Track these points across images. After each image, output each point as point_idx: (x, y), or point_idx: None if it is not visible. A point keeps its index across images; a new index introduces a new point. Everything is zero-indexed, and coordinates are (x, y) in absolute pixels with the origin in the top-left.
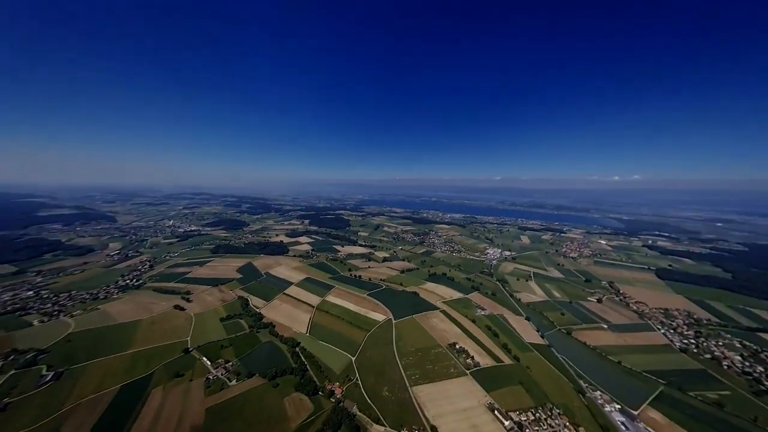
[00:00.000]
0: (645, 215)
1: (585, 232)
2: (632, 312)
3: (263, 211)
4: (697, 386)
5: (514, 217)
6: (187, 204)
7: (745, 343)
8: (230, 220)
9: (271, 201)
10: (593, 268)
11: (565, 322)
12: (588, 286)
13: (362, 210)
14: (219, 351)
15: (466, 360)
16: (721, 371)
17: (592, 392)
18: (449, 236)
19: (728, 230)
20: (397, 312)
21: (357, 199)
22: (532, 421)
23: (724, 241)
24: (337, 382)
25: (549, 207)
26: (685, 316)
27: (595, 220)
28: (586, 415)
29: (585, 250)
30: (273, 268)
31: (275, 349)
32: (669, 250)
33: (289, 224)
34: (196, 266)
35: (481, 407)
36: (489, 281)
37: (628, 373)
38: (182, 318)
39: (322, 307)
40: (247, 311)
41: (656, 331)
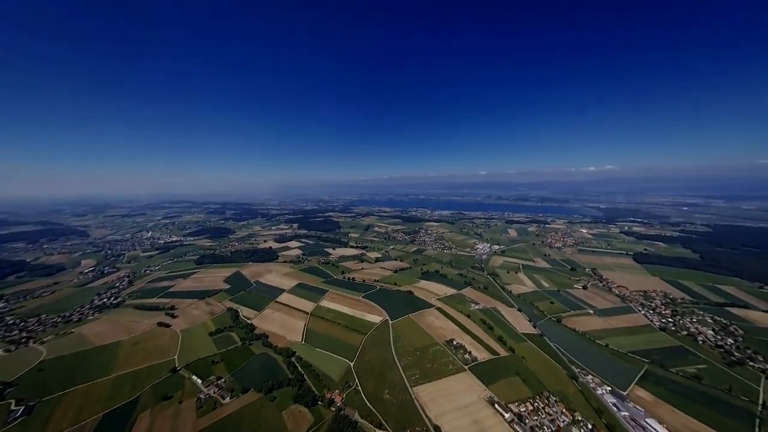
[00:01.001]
0: (620, 203)
1: (567, 222)
2: (615, 296)
3: (249, 216)
4: (677, 362)
5: (501, 211)
6: (167, 213)
7: (715, 318)
8: (214, 228)
9: (257, 206)
10: (577, 256)
11: (555, 311)
12: (573, 274)
13: (351, 211)
14: (210, 368)
15: (463, 355)
16: (696, 346)
17: (584, 377)
18: (439, 233)
19: (693, 213)
20: (393, 312)
21: (346, 200)
22: (531, 411)
23: (690, 223)
24: (337, 390)
25: (533, 199)
26: (661, 297)
27: (576, 210)
28: (580, 400)
29: (568, 239)
30: (263, 276)
31: (270, 361)
32: (643, 235)
33: (277, 229)
34: (179, 279)
35: (482, 402)
36: (480, 275)
37: (615, 355)
38: (167, 335)
39: (317, 313)
40: (238, 323)
41: (637, 313)
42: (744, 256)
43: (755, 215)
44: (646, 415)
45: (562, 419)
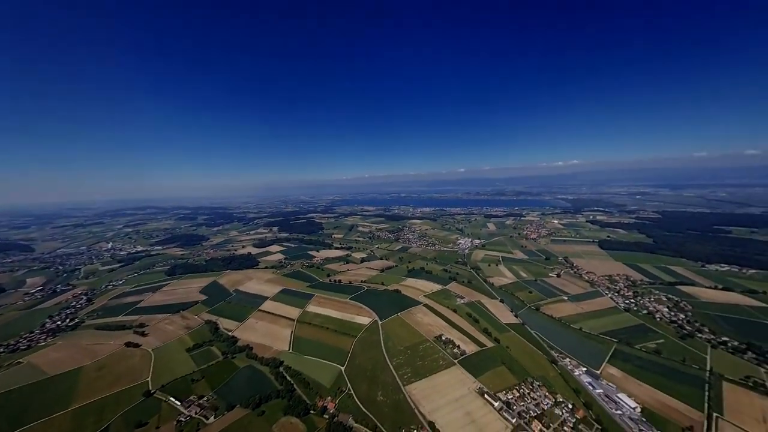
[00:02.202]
0: (585, 194)
1: (540, 214)
2: (585, 282)
3: (224, 221)
4: (640, 339)
5: (480, 206)
6: (129, 221)
7: (669, 296)
8: (186, 236)
9: (232, 210)
10: (550, 246)
11: (533, 300)
12: (548, 263)
13: (334, 211)
14: (189, 387)
15: (452, 350)
16: (655, 323)
17: (562, 360)
18: (423, 230)
19: (645, 201)
20: (381, 313)
21: (328, 201)
22: (517, 398)
23: (644, 211)
24: (329, 397)
25: (509, 193)
26: (624, 280)
27: (548, 202)
28: (560, 382)
29: (542, 230)
30: (243, 284)
31: (256, 374)
32: (606, 223)
33: (256, 233)
34: (148, 293)
35: (472, 394)
36: (464, 270)
37: (588, 337)
38: (138, 356)
39: (304, 319)
40: (218, 336)
41: (605, 296)
42: (687, 239)
43: (695, 201)
44: (617, 391)
45: (546, 402)
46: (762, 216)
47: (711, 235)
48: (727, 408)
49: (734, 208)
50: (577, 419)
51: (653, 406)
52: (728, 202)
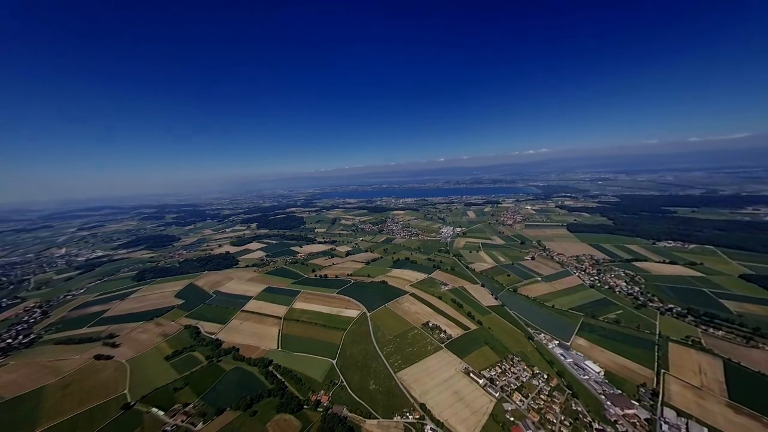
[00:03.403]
0: (554, 180)
1: (515, 200)
2: (556, 263)
3: (196, 219)
4: (602, 312)
5: (460, 195)
6: (83, 224)
7: (626, 272)
8: (153, 237)
9: (204, 206)
10: (525, 231)
11: (511, 282)
12: (523, 247)
13: (315, 205)
14: (172, 395)
15: (439, 335)
16: (615, 296)
17: (538, 335)
18: (406, 221)
19: (606, 186)
20: (369, 304)
21: (307, 194)
22: (499, 374)
23: (605, 195)
24: (322, 390)
25: (486, 182)
26: (589, 259)
27: (522, 189)
28: (536, 356)
29: (517, 216)
30: (223, 285)
31: (245, 375)
32: (573, 208)
33: (233, 231)
34: (115, 301)
35: (459, 374)
36: (447, 258)
37: (559, 313)
38: (111, 369)
39: (291, 316)
40: (200, 340)
41: (573, 275)
42: (641, 219)
43: (647, 185)
44: (585, 359)
45: (525, 375)
46: (701, 197)
47: (660, 215)
48: (671, 364)
49: (679, 190)
50: (552, 387)
51: (614, 369)
52: (674, 185)
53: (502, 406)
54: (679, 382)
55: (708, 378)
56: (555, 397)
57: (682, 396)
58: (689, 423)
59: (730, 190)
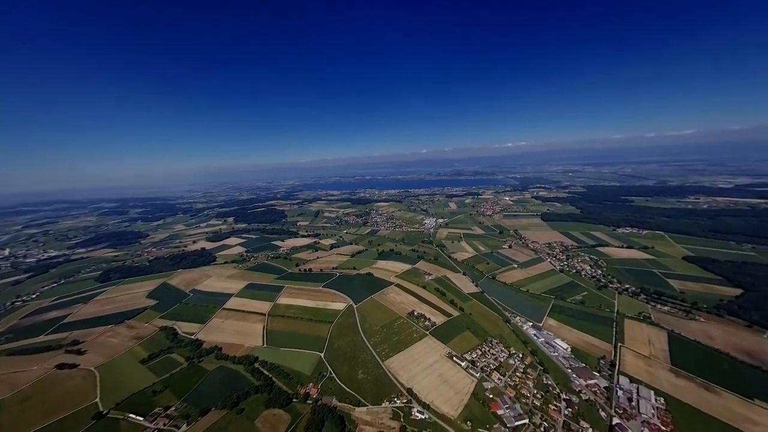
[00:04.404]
0: (530, 172)
1: (494, 192)
2: (531, 250)
3: (165, 214)
4: (570, 294)
5: (442, 186)
6: (30, 220)
7: (591, 257)
8: (117, 234)
9: (174, 200)
10: (503, 221)
11: (490, 270)
12: (501, 236)
13: (296, 197)
14: (151, 400)
15: (424, 323)
16: (580, 279)
17: (514, 318)
18: (390, 213)
19: (575, 177)
20: (356, 297)
21: (288, 186)
22: (480, 356)
23: (574, 186)
24: (311, 383)
25: (467, 174)
26: (559, 246)
27: (500, 181)
28: (513, 337)
29: (496, 207)
30: (200, 283)
31: (229, 374)
32: (546, 198)
33: (208, 226)
34: (77, 305)
35: (443, 359)
36: (430, 248)
37: (533, 297)
38: (78, 377)
39: (276, 312)
40: (179, 342)
41: (545, 261)
42: (605, 208)
43: (609, 177)
44: (554, 337)
45: (502, 355)
46: (654, 187)
47: (620, 204)
48: (626, 338)
49: (635, 181)
50: (526, 365)
51: (579, 345)
52: (632, 177)
53: (483, 385)
54: (632, 353)
55: (655, 348)
56: (529, 374)
57: (635, 365)
58: (639, 388)
59: (677, 181)
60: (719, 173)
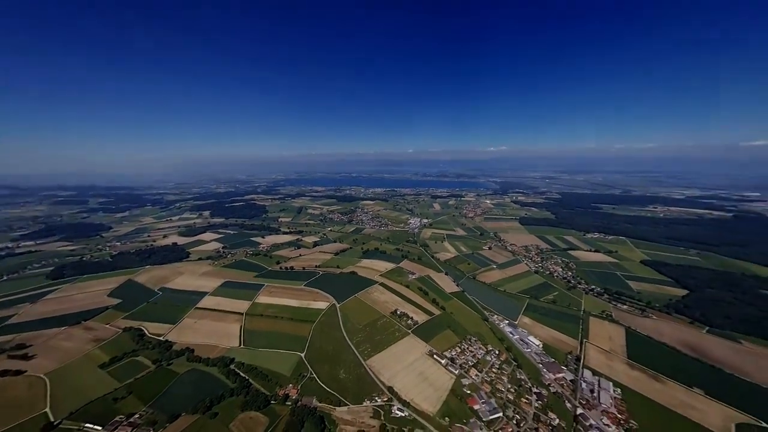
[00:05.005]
0: (510, 177)
1: (476, 195)
2: (509, 252)
3: (132, 205)
4: (543, 293)
5: (427, 187)
6: None
7: (563, 259)
8: (73, 225)
9: (143, 190)
10: (484, 223)
11: (471, 270)
12: (482, 238)
13: (278, 192)
14: (112, 407)
15: (407, 321)
16: (553, 280)
17: (492, 317)
18: (375, 211)
19: (552, 184)
20: (339, 296)
21: (270, 180)
22: (459, 353)
23: (550, 192)
24: (291, 384)
25: (451, 175)
26: (535, 249)
27: (482, 184)
28: (490, 335)
29: (478, 210)
30: (171, 281)
31: (202, 376)
32: (524, 203)
33: (181, 220)
34: (22, 304)
35: (424, 357)
36: (414, 248)
37: (509, 296)
38: (23, 386)
39: (255, 311)
40: (145, 344)
41: (522, 263)
42: (577, 214)
43: (582, 184)
44: (528, 335)
45: (480, 352)
46: (619, 196)
47: (590, 211)
48: (591, 334)
49: (605, 189)
50: (501, 361)
51: (550, 341)
52: (602, 185)
53: (461, 381)
54: (595, 348)
55: (614, 343)
56: (504, 370)
57: (597, 359)
58: (600, 380)
59: (640, 191)
60: (674, 185)
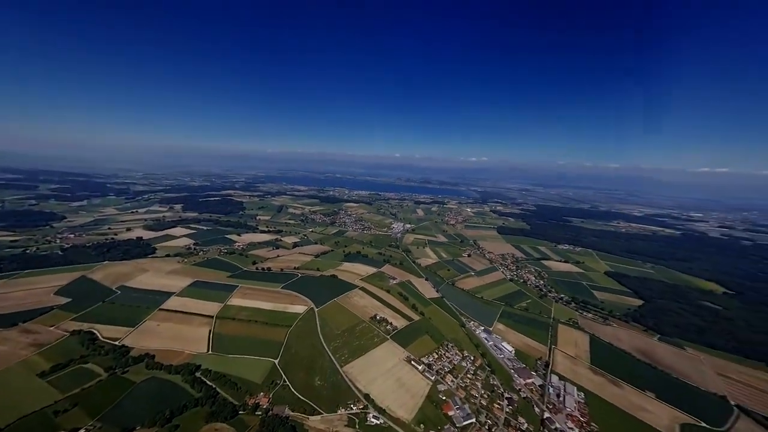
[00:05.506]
0: (489, 187)
1: (458, 202)
2: (487, 260)
3: (91, 193)
4: (517, 301)
5: (411, 192)
6: None
7: (536, 269)
8: (17, 213)
9: (105, 178)
10: (464, 231)
11: (450, 276)
12: (462, 245)
13: (257, 188)
14: (53, 421)
15: (386, 327)
16: (526, 288)
17: (468, 323)
18: (359, 214)
19: (528, 196)
20: (318, 299)
21: (249, 176)
22: (436, 359)
23: (526, 204)
24: (262, 392)
25: (434, 182)
26: (511, 257)
27: (463, 192)
28: (467, 341)
29: (459, 217)
30: (132, 278)
31: (162, 385)
32: (502, 213)
33: (149, 212)
34: None
35: (402, 363)
36: (396, 253)
37: (486, 303)
38: None
39: (226, 314)
40: (97, 349)
41: (498, 271)
42: (550, 226)
43: (555, 198)
44: (502, 341)
45: (456, 358)
46: (587, 210)
47: (561, 223)
48: (559, 341)
49: (575, 204)
50: (476, 367)
51: (522, 347)
52: (573, 199)
53: (437, 387)
54: (562, 353)
55: (580, 349)
56: (478, 375)
57: (563, 364)
58: (566, 385)
59: (606, 206)
60: (635, 203)
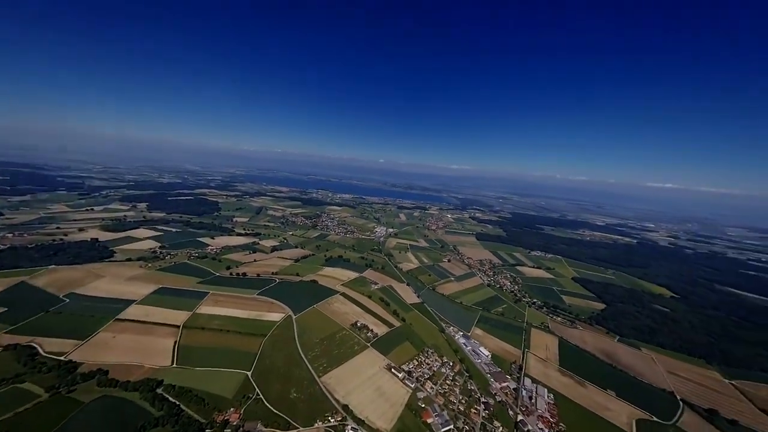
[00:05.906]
0: (470, 195)
1: (439, 208)
2: (466, 266)
3: (37, 188)
4: (494, 306)
5: (394, 197)
6: None
7: (511, 274)
8: None
9: (55, 170)
10: (445, 236)
11: (431, 281)
12: (442, 250)
13: (235, 188)
14: None
15: (366, 334)
16: (503, 293)
17: (448, 328)
18: (342, 218)
19: (505, 204)
20: (296, 306)
21: (226, 174)
22: (416, 366)
23: (503, 211)
24: (232, 408)
25: (417, 188)
26: (488, 263)
27: (445, 199)
28: (446, 346)
29: (440, 223)
30: (84, 285)
31: (117, 404)
32: (481, 219)
33: (107, 211)
34: None
35: (382, 371)
36: (379, 257)
37: (465, 308)
38: None
39: (194, 324)
40: (37, 366)
41: (477, 276)
42: (524, 234)
43: (530, 206)
44: (479, 345)
45: (436, 365)
46: (557, 219)
47: (534, 231)
48: (532, 344)
49: (547, 212)
50: (455, 372)
51: (498, 351)
52: (545, 208)
53: (416, 395)
54: (534, 357)
55: (550, 352)
56: (456, 381)
57: (536, 367)
58: (537, 387)
59: (573, 216)
60: (599, 213)
